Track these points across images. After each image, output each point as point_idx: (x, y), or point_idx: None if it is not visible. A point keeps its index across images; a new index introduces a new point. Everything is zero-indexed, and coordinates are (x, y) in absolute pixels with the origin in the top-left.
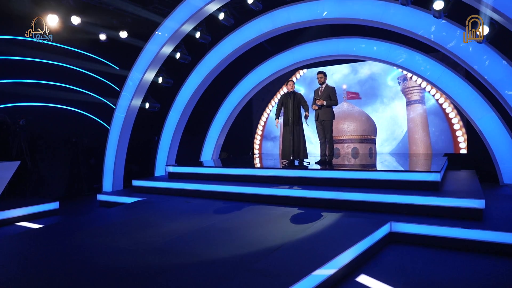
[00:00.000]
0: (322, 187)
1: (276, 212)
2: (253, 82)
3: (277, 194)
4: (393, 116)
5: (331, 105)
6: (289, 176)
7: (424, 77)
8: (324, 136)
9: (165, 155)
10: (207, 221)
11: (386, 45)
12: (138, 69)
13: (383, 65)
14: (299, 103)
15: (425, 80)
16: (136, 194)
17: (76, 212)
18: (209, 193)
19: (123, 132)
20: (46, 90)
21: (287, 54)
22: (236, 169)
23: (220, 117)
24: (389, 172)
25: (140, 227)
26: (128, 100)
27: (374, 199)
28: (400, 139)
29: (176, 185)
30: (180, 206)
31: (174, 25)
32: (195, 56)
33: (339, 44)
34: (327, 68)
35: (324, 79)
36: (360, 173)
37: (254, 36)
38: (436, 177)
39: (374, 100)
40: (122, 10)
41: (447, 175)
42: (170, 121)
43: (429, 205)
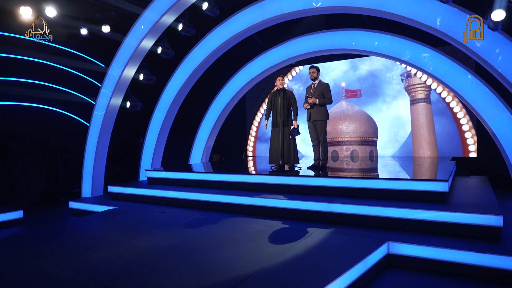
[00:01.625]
0: (312, 197)
1: (255, 227)
2: (244, 80)
3: (259, 204)
4: (396, 116)
5: (324, 103)
6: (275, 183)
7: (429, 72)
8: (317, 138)
9: (150, 158)
10: (174, 238)
11: (387, 37)
12: (118, 65)
13: (385, 61)
14: (289, 102)
15: (430, 76)
16: (111, 201)
17: (44, 222)
18: (187, 202)
19: (103, 132)
20: (21, 88)
21: (280, 49)
22: (217, 175)
23: (210, 117)
24: (387, 181)
25: (94, 245)
26: (108, 98)
27: (370, 212)
28: (403, 141)
29: (153, 192)
30: (151, 218)
31: (154, 16)
32: (181, 51)
33: (336, 38)
34: (324, 65)
35: (317, 74)
36: (354, 181)
37: (242, 28)
38: (443, 187)
39: (376, 98)
40: (104, 3)
41: (455, 183)
42: (155, 121)
43: (434, 222)
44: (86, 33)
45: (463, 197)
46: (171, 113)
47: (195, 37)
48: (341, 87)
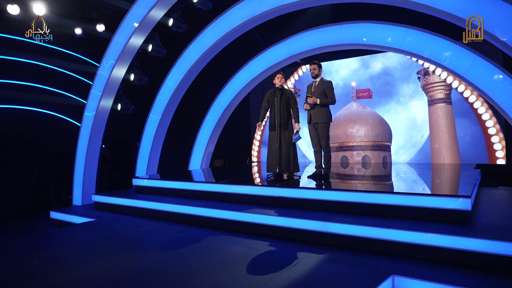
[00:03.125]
0: (306, 213)
1: (237, 249)
2: (245, 79)
3: (246, 220)
4: (412, 118)
5: (326, 103)
6: (266, 195)
7: (448, 68)
8: (318, 143)
9: (145, 163)
10: (136, 263)
11: (400, 30)
12: (107, 64)
13: (400, 57)
14: (288, 102)
15: (450, 72)
16: (95, 212)
17: (19, 234)
18: (169, 215)
19: (94, 135)
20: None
21: (282, 46)
22: (203, 185)
23: (210, 120)
24: (395, 195)
25: (35, 273)
26: (98, 99)
27: (372, 234)
28: (420, 146)
29: (134, 202)
30: (126, 234)
31: (142, 11)
32: (175, 50)
33: (343, 32)
34: (333, 63)
35: (318, 71)
36: (354, 195)
37: (239, 22)
38: (465, 205)
39: (389, 99)
40: (100, 1)
41: (480, 197)
42: (150, 124)
43: (452, 249)
44: (80, 33)
45: (490, 216)
46: (167, 115)
47: (189, 35)
48: (351, 87)
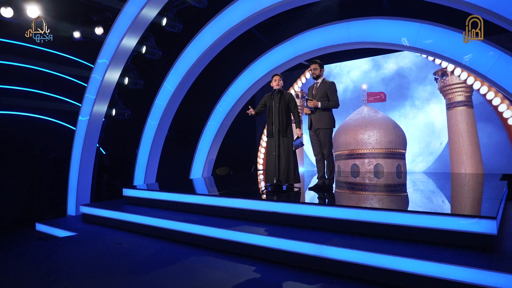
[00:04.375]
0: (301, 232)
1: (216, 275)
2: (247, 82)
3: (232, 239)
4: (429, 124)
5: (329, 107)
6: (258, 210)
7: (469, 67)
8: (320, 151)
9: (143, 172)
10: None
11: (413, 25)
12: (101, 67)
13: (414, 57)
14: (288, 106)
15: (471, 72)
16: (81, 225)
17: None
18: (152, 230)
19: (88, 141)
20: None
21: (286, 46)
22: (192, 197)
23: (212, 125)
24: (404, 214)
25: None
26: (91, 105)
27: (374, 262)
28: (438, 153)
29: (121, 215)
30: (101, 252)
31: (134, 10)
32: (172, 52)
33: (351, 29)
34: (342, 64)
35: (319, 71)
36: (354, 212)
37: (238, 21)
38: (490, 228)
39: (403, 102)
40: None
41: (508, 214)
42: (148, 130)
43: (473, 285)
44: (79, 36)
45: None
46: (165, 121)
47: (187, 36)
48: (362, 90)
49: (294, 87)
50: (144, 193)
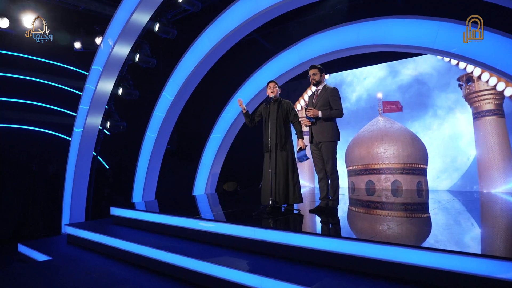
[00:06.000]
0: (291, 268)
1: None
2: (252, 92)
3: (208, 273)
4: (453, 136)
5: (331, 117)
6: (244, 238)
7: (499, 70)
8: (323, 168)
9: (141, 187)
10: None
11: (432, 24)
12: (94, 77)
13: (435, 61)
14: (286, 116)
15: (501, 76)
16: (63, 247)
17: None
18: (124, 255)
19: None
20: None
21: (291, 52)
22: (167, 217)
23: (215, 138)
24: (420, 251)
25: None
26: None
27: None
28: (465, 169)
29: (101, 238)
30: (61, 284)
31: (124, 16)
32: (171, 60)
33: (360, 31)
34: (353, 72)
35: (320, 77)
36: (356, 246)
37: (235, 25)
38: None
39: (423, 112)
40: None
41: None
42: (146, 143)
43: None
44: (79, 47)
45: None
46: (164, 133)
47: (186, 44)
48: (377, 98)
49: (304, 97)
50: (129, 213)
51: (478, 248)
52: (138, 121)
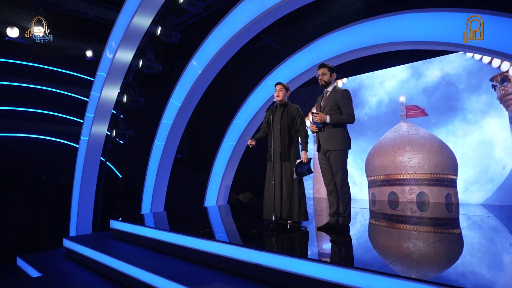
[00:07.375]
0: None
1: None
2: (263, 97)
3: None
4: (486, 142)
5: (341, 122)
6: (239, 260)
7: None
8: (332, 180)
9: (150, 198)
10: None
11: (459, 16)
12: (98, 84)
13: (464, 60)
14: (292, 122)
15: None
16: (63, 261)
17: None
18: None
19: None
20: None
21: (303, 54)
22: (162, 233)
23: (227, 147)
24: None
25: None
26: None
27: None
28: (501, 180)
29: (94, 254)
30: None
31: (125, 20)
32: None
33: (378, 28)
34: (373, 74)
35: (329, 77)
36: (364, 277)
37: (241, 26)
38: None
39: (452, 117)
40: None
41: None
42: (155, 153)
43: None
44: (91, 55)
45: None
46: (172, 141)
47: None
48: (399, 103)
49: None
50: (128, 227)
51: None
52: (146, 129)
